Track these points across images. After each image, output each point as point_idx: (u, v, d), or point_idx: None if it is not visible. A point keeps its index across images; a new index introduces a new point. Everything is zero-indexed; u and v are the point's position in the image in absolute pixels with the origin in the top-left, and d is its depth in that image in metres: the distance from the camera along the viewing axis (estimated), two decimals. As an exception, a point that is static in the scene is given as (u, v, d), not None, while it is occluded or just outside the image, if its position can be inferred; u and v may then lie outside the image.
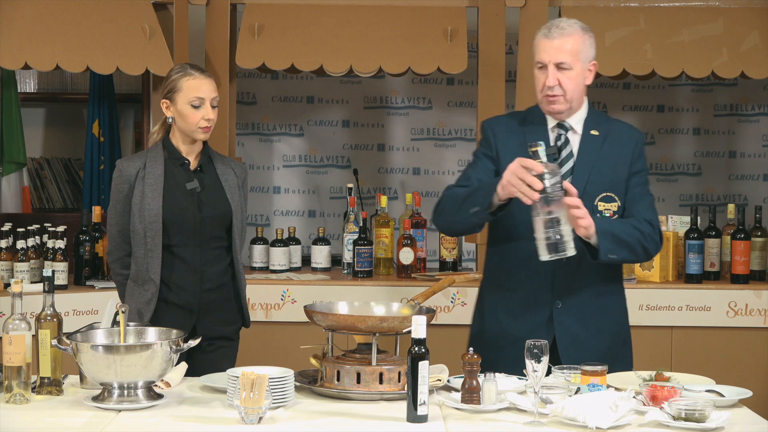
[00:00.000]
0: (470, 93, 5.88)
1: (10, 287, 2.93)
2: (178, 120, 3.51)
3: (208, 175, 3.57)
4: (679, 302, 4.84)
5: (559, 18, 3.33)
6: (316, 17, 5.05)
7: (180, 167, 3.53)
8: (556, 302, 3.29)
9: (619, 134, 3.34)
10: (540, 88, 3.26)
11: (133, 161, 3.54)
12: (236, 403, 2.69)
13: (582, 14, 5.01)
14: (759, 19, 4.97)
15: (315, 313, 3.08)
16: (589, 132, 3.31)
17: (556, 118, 3.31)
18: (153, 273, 3.48)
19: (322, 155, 6.06)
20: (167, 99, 3.51)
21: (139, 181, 3.49)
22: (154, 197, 3.47)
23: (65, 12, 4.84)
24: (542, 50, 3.24)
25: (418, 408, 2.69)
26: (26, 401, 2.88)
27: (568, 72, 3.22)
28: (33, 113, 6.23)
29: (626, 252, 3.21)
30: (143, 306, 3.49)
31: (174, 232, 3.49)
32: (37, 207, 6.20)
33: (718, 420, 2.67)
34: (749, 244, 4.92)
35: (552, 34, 3.23)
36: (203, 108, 3.48)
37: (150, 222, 3.46)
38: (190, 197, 3.51)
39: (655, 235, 3.29)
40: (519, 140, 3.28)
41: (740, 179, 6.03)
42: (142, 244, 3.49)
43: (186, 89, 3.47)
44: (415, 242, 5.09)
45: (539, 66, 3.25)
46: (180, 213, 3.48)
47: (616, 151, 3.31)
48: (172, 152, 3.53)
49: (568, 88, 3.23)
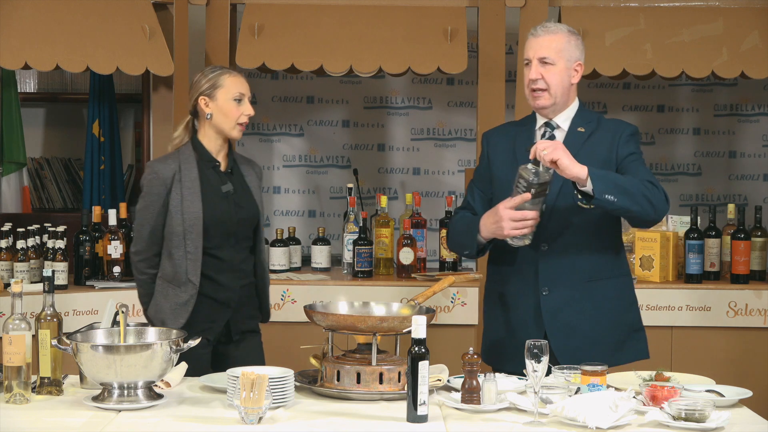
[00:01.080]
0: (470, 93, 5.88)
1: (10, 287, 2.93)
2: (217, 116, 3.56)
3: (237, 177, 3.65)
4: (679, 302, 4.84)
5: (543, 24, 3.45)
6: (316, 17, 5.05)
7: (212, 169, 3.59)
8: (543, 289, 3.33)
9: (605, 129, 3.40)
10: (526, 83, 3.39)
11: (167, 163, 3.57)
12: (236, 403, 2.69)
13: (582, 14, 5.01)
14: (759, 19, 4.97)
15: (315, 313, 3.08)
16: (575, 129, 3.39)
17: (542, 114, 3.41)
18: (192, 275, 3.53)
19: (322, 155, 6.06)
20: (206, 96, 3.55)
21: (176, 183, 3.53)
22: (193, 200, 3.52)
23: (65, 12, 4.84)
24: (528, 48, 3.38)
25: (418, 408, 2.69)
26: (26, 401, 2.88)
27: (552, 67, 3.33)
28: (33, 113, 6.23)
29: (627, 199, 3.16)
30: (179, 307, 3.54)
31: (213, 234, 3.55)
32: (37, 207, 6.20)
33: (718, 420, 2.67)
34: (749, 244, 4.92)
35: (538, 33, 3.37)
36: (243, 103, 3.57)
37: (191, 225, 3.52)
38: (226, 200, 3.58)
39: (659, 193, 3.26)
40: (509, 143, 3.45)
41: (740, 179, 6.03)
42: (182, 246, 3.53)
43: (228, 85, 3.55)
44: (415, 242, 5.09)
45: (525, 63, 3.39)
46: (219, 216, 3.55)
47: (600, 144, 3.36)
48: (203, 154, 3.59)
49: (551, 83, 3.34)
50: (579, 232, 3.33)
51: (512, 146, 3.43)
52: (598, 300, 3.36)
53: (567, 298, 3.33)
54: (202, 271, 3.54)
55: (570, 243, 3.33)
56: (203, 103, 3.55)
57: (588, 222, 3.32)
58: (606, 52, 4.94)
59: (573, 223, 3.32)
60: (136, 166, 6.22)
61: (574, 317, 3.33)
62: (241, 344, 3.64)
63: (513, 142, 3.44)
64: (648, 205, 3.20)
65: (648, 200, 3.20)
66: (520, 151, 3.39)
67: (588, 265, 3.34)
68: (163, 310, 3.56)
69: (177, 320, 3.52)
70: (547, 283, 3.34)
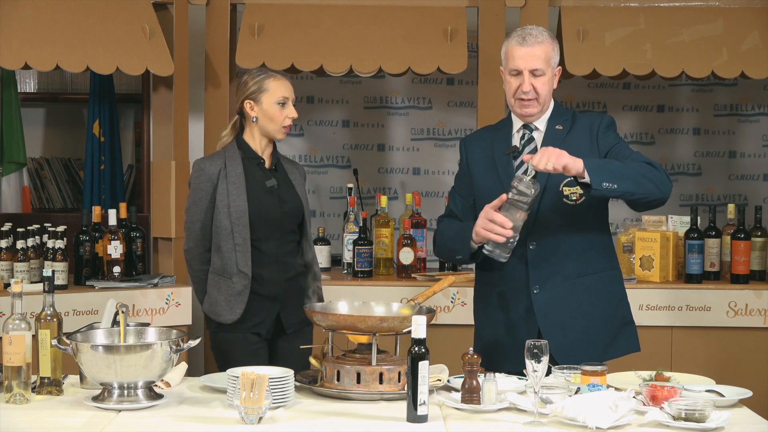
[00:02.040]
0: (470, 93, 5.88)
1: (10, 287, 2.94)
2: (262, 120, 3.68)
3: (281, 173, 3.77)
4: (679, 302, 4.84)
5: (527, 26, 3.44)
6: (316, 17, 5.06)
7: (257, 166, 3.71)
8: (534, 287, 3.34)
9: (583, 124, 3.43)
10: (512, 92, 3.39)
11: (213, 161, 3.71)
12: (236, 403, 2.70)
13: (582, 14, 5.01)
14: (759, 19, 4.97)
15: (315, 313, 3.09)
16: (553, 128, 3.42)
17: (527, 120, 3.43)
18: (243, 266, 3.64)
19: (322, 155, 6.06)
20: (251, 100, 3.68)
21: (222, 179, 3.67)
22: (239, 194, 3.64)
23: (65, 12, 4.83)
24: (517, 57, 3.36)
25: (418, 408, 2.69)
26: (26, 401, 2.88)
27: (542, 77, 3.37)
28: (33, 113, 6.23)
29: (628, 183, 3.15)
30: (234, 297, 3.65)
31: (258, 227, 3.67)
32: (37, 207, 6.20)
33: (718, 420, 2.67)
34: (749, 244, 4.92)
35: (527, 42, 3.35)
36: (287, 107, 3.68)
37: (237, 218, 3.63)
38: (271, 194, 3.70)
39: (660, 172, 3.24)
40: (487, 149, 3.48)
41: (740, 179, 6.02)
42: (229, 239, 3.65)
43: (273, 89, 3.67)
44: (415, 242, 5.10)
45: (514, 73, 3.37)
46: (264, 209, 3.67)
47: (580, 139, 3.39)
48: (248, 152, 3.72)
49: (542, 92, 3.37)
50: (566, 228, 3.35)
51: (490, 152, 3.46)
52: (588, 295, 3.37)
53: (558, 295, 3.35)
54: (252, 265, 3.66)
55: (558, 240, 3.34)
56: (248, 106, 3.69)
57: (574, 218, 3.34)
58: (606, 52, 4.94)
59: (559, 219, 3.34)
60: (136, 166, 6.22)
61: (567, 314, 3.35)
62: (294, 340, 3.70)
63: (491, 147, 3.47)
64: (651, 184, 3.20)
65: (650, 180, 3.20)
66: (498, 155, 3.43)
67: (577, 261, 3.36)
68: (219, 302, 3.67)
69: (234, 311, 3.64)
70: (537, 281, 3.35)
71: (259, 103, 3.67)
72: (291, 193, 3.75)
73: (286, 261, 3.71)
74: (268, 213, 3.67)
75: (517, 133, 3.46)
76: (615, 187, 3.14)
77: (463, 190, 3.55)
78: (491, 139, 3.50)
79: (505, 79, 3.42)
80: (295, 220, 3.76)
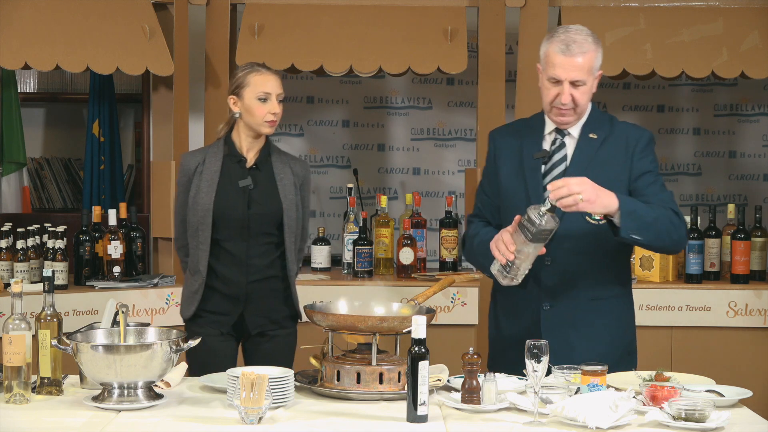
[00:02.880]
0: (470, 93, 5.88)
1: (10, 287, 2.93)
2: (244, 115, 3.64)
3: (264, 172, 3.69)
4: (679, 302, 4.84)
5: (569, 28, 3.22)
6: (316, 17, 5.05)
7: (236, 164, 3.66)
8: (545, 304, 3.25)
9: (619, 135, 3.27)
10: (550, 100, 3.20)
11: (194, 156, 3.72)
12: (236, 403, 2.69)
13: (582, 14, 5.01)
14: (759, 19, 4.97)
15: (315, 313, 3.08)
16: (587, 135, 3.26)
17: (563, 127, 3.27)
18: (201, 265, 3.63)
19: (322, 155, 6.06)
20: (234, 95, 3.65)
21: (197, 176, 3.66)
22: (207, 192, 3.62)
23: (65, 12, 4.83)
24: (558, 66, 3.15)
25: (418, 408, 2.69)
26: (26, 401, 2.88)
27: (582, 87, 3.18)
28: (33, 113, 6.23)
29: (652, 236, 3.08)
30: (192, 295, 3.66)
31: (222, 227, 3.63)
32: (37, 207, 6.20)
33: (718, 420, 2.67)
34: (749, 244, 4.92)
35: (570, 51, 3.15)
36: (269, 102, 3.62)
37: (202, 216, 3.62)
38: (242, 194, 3.63)
39: (682, 225, 3.19)
40: (515, 148, 3.31)
41: (740, 179, 6.02)
42: (195, 237, 3.65)
43: (253, 84, 3.62)
44: (415, 242, 5.09)
45: (553, 81, 3.18)
46: (229, 209, 3.62)
47: (614, 152, 3.24)
48: (232, 148, 3.68)
49: (580, 102, 3.20)
50: (585, 247, 3.20)
51: (519, 151, 3.30)
52: (598, 318, 3.25)
53: (568, 315, 3.23)
54: (212, 263, 3.63)
55: (576, 259, 3.20)
56: (232, 102, 3.67)
57: (596, 237, 3.18)
58: (606, 52, 4.86)
59: (580, 237, 3.19)
60: (136, 166, 6.22)
61: (574, 334, 3.23)
62: (265, 344, 3.69)
63: (520, 146, 3.30)
64: (670, 241, 3.16)
65: (671, 237, 3.14)
66: (527, 157, 3.28)
67: (593, 283, 3.23)
68: (183, 297, 3.72)
69: (189, 308, 3.67)
70: (549, 298, 3.23)
71: (241, 98, 3.62)
72: (268, 194, 3.65)
73: (253, 263, 3.63)
74: (232, 213, 3.61)
75: (549, 135, 3.29)
76: (639, 239, 3.07)
77: (489, 187, 3.38)
78: (521, 137, 3.32)
79: (542, 83, 3.22)
80: (269, 222, 3.65)
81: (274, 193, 3.67)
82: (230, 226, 3.62)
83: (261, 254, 3.66)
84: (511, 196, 3.27)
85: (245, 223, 3.62)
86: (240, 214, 3.62)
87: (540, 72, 3.24)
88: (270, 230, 3.67)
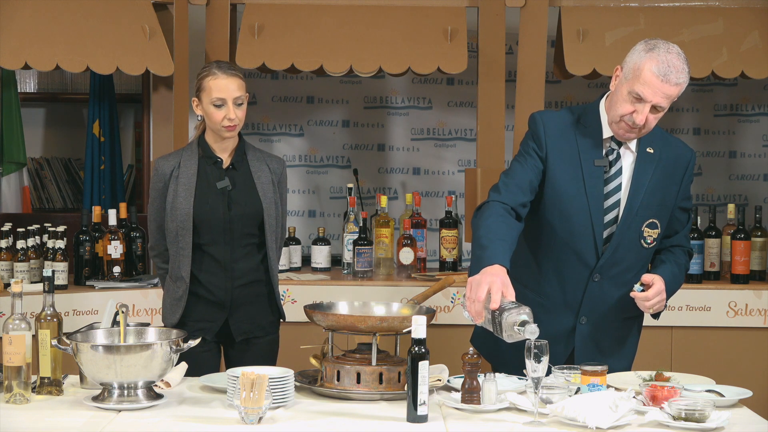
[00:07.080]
0: (470, 93, 5.88)
1: (10, 287, 2.93)
2: (205, 118, 3.56)
3: (241, 172, 3.61)
4: (679, 302, 4.83)
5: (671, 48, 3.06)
6: (316, 17, 5.05)
7: (213, 165, 3.59)
8: (581, 317, 3.26)
9: (671, 153, 3.26)
10: (623, 113, 3.10)
11: (168, 160, 3.61)
12: (236, 403, 2.69)
13: (582, 14, 5.01)
14: (759, 19, 4.97)
15: (315, 313, 3.08)
16: (644, 150, 3.21)
17: (623, 140, 3.20)
18: (183, 271, 3.55)
19: (322, 155, 6.06)
20: (196, 98, 3.58)
21: (173, 180, 3.56)
22: (186, 197, 3.53)
23: (65, 12, 4.84)
24: (649, 86, 3.04)
25: (418, 408, 2.69)
26: (26, 401, 2.88)
27: (659, 113, 3.12)
28: (33, 113, 6.23)
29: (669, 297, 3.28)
30: (175, 302, 3.58)
31: (204, 231, 3.56)
32: (37, 207, 6.20)
33: (718, 420, 2.67)
34: (749, 244, 4.92)
35: (668, 80, 3.03)
36: (225, 108, 3.51)
37: (181, 221, 3.53)
38: (221, 196, 3.56)
39: (688, 267, 3.41)
40: (571, 144, 3.21)
41: (740, 179, 6.02)
42: (174, 243, 3.57)
43: (208, 89, 3.52)
44: (415, 242, 5.09)
45: (636, 97, 3.07)
46: (209, 213, 3.54)
47: (670, 173, 3.24)
48: (206, 150, 3.60)
49: (651, 126, 3.14)
50: (633, 268, 3.24)
51: (576, 151, 3.20)
52: (626, 337, 3.35)
53: (602, 331, 3.28)
54: (194, 269, 3.55)
55: (621, 279, 3.24)
56: (195, 104, 3.59)
57: (642, 260, 3.27)
58: (606, 52, 4.94)
59: (630, 259, 3.23)
60: (136, 166, 6.22)
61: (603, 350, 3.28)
62: (248, 349, 3.62)
63: (576, 145, 3.20)
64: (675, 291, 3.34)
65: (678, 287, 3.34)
66: (586, 162, 3.19)
67: (627, 303, 3.24)
68: (165, 304, 3.63)
69: (173, 316, 3.58)
70: (587, 313, 3.25)
71: (201, 101, 3.54)
72: (247, 194, 3.58)
73: (236, 267, 3.57)
74: (213, 217, 3.53)
75: (605, 141, 3.21)
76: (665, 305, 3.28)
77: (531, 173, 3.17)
78: (576, 137, 3.21)
79: (620, 91, 3.11)
80: (251, 223, 3.58)
81: (253, 193, 3.60)
82: (212, 230, 3.54)
83: (244, 257, 3.59)
84: (569, 203, 3.19)
85: (228, 226, 3.55)
86: (221, 216, 3.54)
87: (619, 77, 3.15)
88: (252, 230, 3.59)
